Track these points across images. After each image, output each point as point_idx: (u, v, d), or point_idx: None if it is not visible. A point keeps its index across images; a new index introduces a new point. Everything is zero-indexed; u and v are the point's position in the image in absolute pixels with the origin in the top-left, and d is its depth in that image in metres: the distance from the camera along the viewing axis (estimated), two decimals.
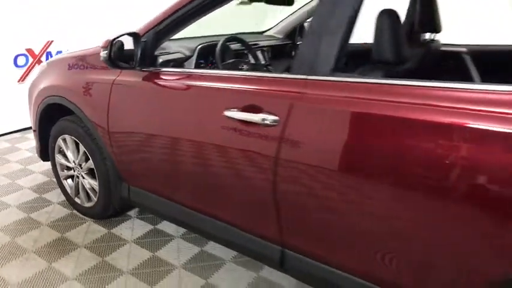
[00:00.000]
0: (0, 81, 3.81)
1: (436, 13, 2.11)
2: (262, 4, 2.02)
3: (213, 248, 2.20)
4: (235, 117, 1.47)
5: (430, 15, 2.10)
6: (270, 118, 1.38)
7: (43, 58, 4.08)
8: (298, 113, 1.33)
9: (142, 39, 1.81)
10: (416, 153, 1.13)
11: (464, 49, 2.31)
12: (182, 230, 2.36)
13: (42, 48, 4.08)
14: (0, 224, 2.40)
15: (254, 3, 2.27)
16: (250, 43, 2.50)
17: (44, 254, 2.13)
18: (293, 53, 2.93)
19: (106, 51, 1.72)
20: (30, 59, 4.01)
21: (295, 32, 2.98)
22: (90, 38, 3.23)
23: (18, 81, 3.96)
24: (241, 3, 2.38)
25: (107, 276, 1.98)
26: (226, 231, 1.72)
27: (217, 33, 2.61)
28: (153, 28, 1.80)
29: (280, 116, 1.36)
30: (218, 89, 1.58)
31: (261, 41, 2.74)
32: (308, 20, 2.81)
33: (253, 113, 1.42)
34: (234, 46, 2.36)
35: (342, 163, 1.26)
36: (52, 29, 4.04)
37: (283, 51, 2.93)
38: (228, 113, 1.49)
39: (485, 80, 2.16)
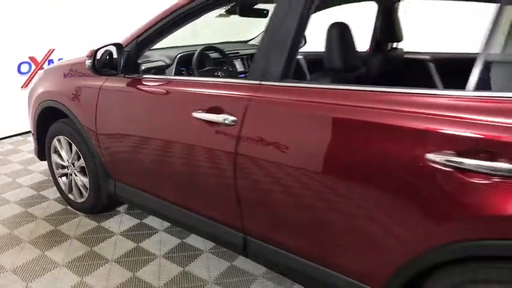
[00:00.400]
0: (4, 87, 4.06)
1: (396, 24, 2.30)
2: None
3: (193, 240, 2.39)
4: (202, 117, 1.67)
5: (392, 27, 2.29)
6: (230, 118, 1.57)
7: (45, 65, 4.33)
8: (252, 113, 1.53)
9: (125, 49, 2.03)
10: (347, 147, 1.31)
11: (427, 56, 2.48)
12: (166, 224, 2.56)
13: (45, 56, 4.34)
14: (0, 217, 2.61)
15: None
16: (232, 52, 2.70)
17: (38, 244, 2.34)
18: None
19: (90, 60, 1.93)
20: (33, 67, 4.27)
21: None
22: (90, 47, 3.45)
23: (22, 87, 4.21)
24: (220, 15, 2.59)
25: (93, 263, 2.17)
26: (198, 221, 1.91)
27: (209, 42, 2.83)
28: (135, 39, 2.01)
29: (237, 116, 1.56)
30: (189, 93, 1.79)
31: (243, 49, 2.94)
32: None
33: (217, 113, 1.62)
34: (215, 55, 2.57)
35: (289, 157, 1.45)
36: (54, 38, 4.30)
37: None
38: (196, 114, 1.68)
39: (447, 85, 2.33)
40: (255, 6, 2.30)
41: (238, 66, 2.70)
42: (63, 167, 2.67)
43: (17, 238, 2.40)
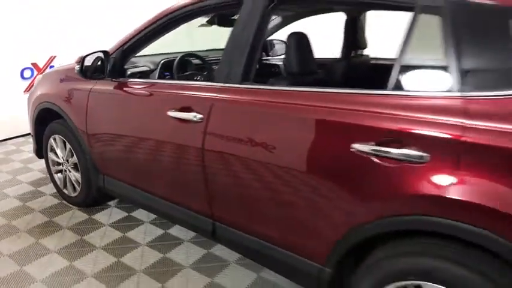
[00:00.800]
0: (8, 91, 4.32)
1: (361, 33, 2.51)
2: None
3: (176, 230, 2.59)
4: (175, 116, 1.88)
5: (356, 35, 2.50)
6: (198, 116, 1.79)
7: (47, 71, 4.59)
8: (215, 112, 1.74)
9: (112, 56, 2.26)
10: (292, 140, 1.52)
11: (387, 62, 2.68)
12: (152, 216, 2.77)
13: (46, 63, 4.60)
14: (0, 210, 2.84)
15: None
16: (213, 58, 2.93)
17: (33, 233, 2.56)
18: (273, 68, 3.33)
19: (78, 65, 2.17)
20: (35, 72, 4.53)
21: None
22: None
23: (24, 91, 4.47)
24: (202, 25, 2.81)
25: (82, 250, 2.39)
26: (174, 210, 2.12)
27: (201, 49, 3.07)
28: (120, 47, 2.24)
29: (204, 114, 1.77)
30: (165, 94, 2.01)
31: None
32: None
33: (187, 112, 1.84)
34: (197, 61, 2.80)
35: (246, 150, 1.66)
36: (55, 45, 4.56)
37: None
38: (170, 113, 1.90)
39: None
40: (233, 17, 2.53)
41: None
42: (58, 164, 2.90)
43: (15, 228, 2.62)
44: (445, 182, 1.19)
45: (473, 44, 1.24)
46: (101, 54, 2.22)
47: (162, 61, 2.57)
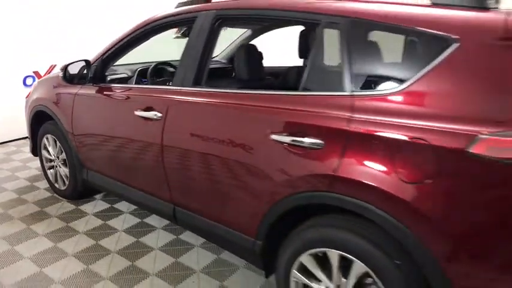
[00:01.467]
0: (11, 97, 4.70)
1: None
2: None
3: (151, 219, 2.91)
4: (140, 115, 2.21)
5: (306, 46, 2.79)
6: (158, 114, 2.12)
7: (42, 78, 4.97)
8: (171, 111, 2.07)
9: (94, 64, 2.60)
10: (229, 133, 1.83)
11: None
12: (132, 207, 3.09)
13: (47, 71, 4.99)
14: None
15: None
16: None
17: (25, 220, 2.89)
18: (233, 73, 3.67)
19: (62, 72, 2.52)
20: (37, 80, 4.92)
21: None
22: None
23: (26, 97, 4.84)
24: (177, 37, 3.14)
25: (66, 234, 2.71)
26: (143, 198, 2.44)
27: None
28: (100, 57, 2.59)
29: (162, 113, 2.10)
30: (134, 96, 2.35)
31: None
32: None
33: (150, 111, 2.16)
34: (171, 68, 3.14)
35: (193, 143, 1.98)
36: (55, 54, 4.95)
37: (226, 72, 3.68)
38: (136, 112, 2.23)
39: None
40: None
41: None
42: (50, 160, 3.24)
43: (10, 216, 2.96)
44: (336, 164, 1.49)
45: (360, 53, 1.55)
46: (83, 63, 2.56)
47: (139, 69, 2.91)
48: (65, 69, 2.53)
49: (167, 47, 3.37)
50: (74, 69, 2.57)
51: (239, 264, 2.38)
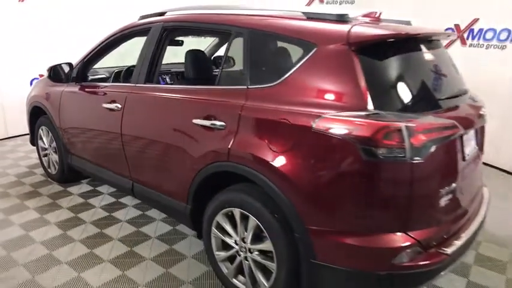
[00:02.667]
0: (20, 97, 5.29)
1: None
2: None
3: (125, 199, 3.40)
4: (106, 107, 2.72)
5: None
6: (119, 106, 2.62)
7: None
8: (128, 103, 2.57)
9: (78, 66, 3.14)
10: (164, 119, 2.32)
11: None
12: (112, 190, 3.59)
13: None
14: (0, 183, 3.75)
15: None
16: (164, 69, 3.77)
17: (20, 197, 3.44)
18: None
19: (47, 73, 3.06)
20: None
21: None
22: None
23: None
24: None
25: (52, 208, 3.24)
26: (110, 176, 2.94)
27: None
28: (81, 60, 3.12)
29: (121, 105, 2.60)
30: (103, 92, 2.85)
31: (179, 68, 3.98)
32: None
33: (112, 103, 2.67)
34: None
35: (141, 127, 2.47)
36: (60, 58, 5.52)
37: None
38: (104, 105, 2.74)
39: None
40: (178, 39, 3.37)
41: (169, 79, 3.73)
42: (44, 149, 3.79)
43: (8, 194, 3.51)
44: (232, 140, 1.95)
45: (255, 57, 2.01)
46: (67, 65, 3.10)
47: (115, 70, 3.43)
48: (50, 70, 3.08)
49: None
50: (59, 70, 3.10)
51: (129, 204, 2.90)
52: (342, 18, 1.87)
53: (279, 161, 1.77)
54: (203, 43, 3.85)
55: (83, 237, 2.81)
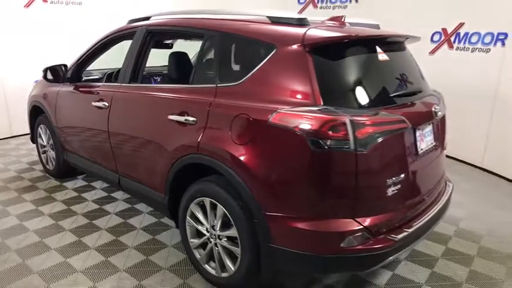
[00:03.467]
0: (23, 98, 5.53)
1: None
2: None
3: (117, 194, 3.59)
4: (95, 105, 2.91)
5: None
6: (106, 104, 2.81)
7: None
8: (115, 101, 2.75)
9: (71, 67, 3.34)
10: (144, 116, 2.50)
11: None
12: (105, 185, 3.78)
13: None
14: (1, 177, 3.97)
15: None
16: (152, 71, 3.95)
17: (18, 191, 3.65)
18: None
19: (43, 74, 3.26)
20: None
21: None
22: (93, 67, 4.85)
23: None
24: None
25: (47, 201, 3.44)
26: (100, 171, 3.13)
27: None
28: (75, 62, 3.33)
29: (108, 103, 2.79)
30: (94, 91, 3.05)
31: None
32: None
33: (100, 102, 2.86)
34: None
35: (126, 124, 2.65)
36: (63, 60, 5.75)
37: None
38: (93, 103, 2.93)
39: None
40: (166, 42, 3.56)
41: (158, 80, 3.92)
42: (43, 146, 4.00)
43: (8, 187, 3.73)
44: (201, 134, 2.12)
45: (224, 57, 2.18)
46: (61, 67, 3.31)
47: (108, 72, 3.63)
48: (45, 71, 3.29)
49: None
50: (52, 72, 3.31)
51: (119, 198, 3.13)
52: (301, 22, 2.02)
53: (240, 153, 1.93)
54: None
55: (73, 227, 2.99)
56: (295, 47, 1.88)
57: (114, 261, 2.56)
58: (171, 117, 2.29)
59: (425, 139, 2.13)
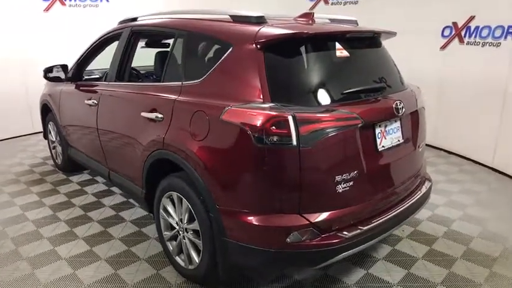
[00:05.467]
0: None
1: None
2: None
3: (116, 188, 3.76)
4: (87, 103, 3.07)
5: None
6: (95, 102, 2.96)
7: None
8: (102, 98, 2.90)
9: (72, 67, 3.53)
10: (122, 111, 2.61)
11: None
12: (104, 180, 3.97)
13: None
14: (15, 170, 4.27)
15: None
16: (147, 71, 4.07)
17: (27, 184, 3.91)
18: None
19: (43, 73, 3.47)
20: None
21: None
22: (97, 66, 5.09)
23: None
24: (142, 47, 3.97)
25: (51, 193, 3.67)
26: (95, 165, 3.30)
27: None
28: (76, 62, 3.51)
29: (97, 101, 2.93)
30: (87, 89, 3.21)
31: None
32: None
33: (90, 100, 3.01)
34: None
35: (111, 120, 2.78)
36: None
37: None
38: (85, 101, 3.10)
39: None
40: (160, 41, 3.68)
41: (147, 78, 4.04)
42: (52, 142, 4.26)
43: (18, 180, 4.01)
44: (165, 130, 2.20)
45: (189, 55, 2.24)
46: (62, 66, 3.50)
47: (107, 71, 3.80)
48: (45, 71, 3.50)
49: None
50: (52, 71, 3.51)
51: (117, 191, 3.37)
52: (259, 20, 2.05)
53: (197, 149, 1.99)
54: None
55: (68, 218, 3.18)
56: (248, 45, 1.91)
57: (97, 251, 2.71)
58: (143, 114, 2.39)
59: (389, 136, 2.09)
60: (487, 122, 4.29)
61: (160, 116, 2.26)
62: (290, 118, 1.71)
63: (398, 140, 2.17)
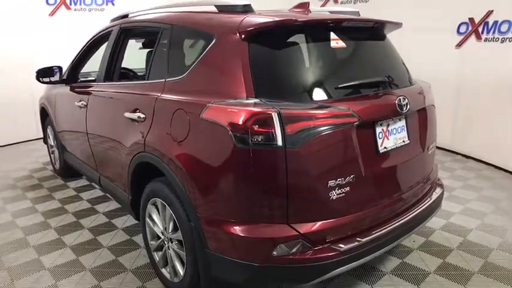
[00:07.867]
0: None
1: None
2: None
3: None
4: (77, 104, 2.94)
5: None
6: (84, 103, 2.82)
7: None
8: (91, 99, 2.76)
9: (66, 70, 3.43)
10: (107, 112, 2.46)
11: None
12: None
13: None
14: (14, 175, 4.19)
15: None
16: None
17: (24, 189, 3.81)
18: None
19: (36, 75, 3.37)
20: None
21: None
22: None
23: None
24: (140, 48, 3.85)
25: (45, 199, 3.55)
26: (85, 169, 3.16)
27: None
28: (70, 64, 3.40)
29: (86, 103, 2.80)
30: (79, 91, 3.08)
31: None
32: None
33: (80, 101, 2.88)
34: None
35: (97, 122, 2.64)
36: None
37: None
38: (75, 103, 2.97)
39: None
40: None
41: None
42: (51, 146, 4.16)
43: (16, 185, 3.92)
44: (146, 131, 2.03)
45: (172, 50, 2.08)
46: (56, 68, 3.39)
47: None
48: (38, 72, 3.40)
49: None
50: (44, 73, 3.40)
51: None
52: (245, 9, 1.87)
53: (178, 151, 1.81)
54: None
55: (59, 225, 3.05)
56: (231, 35, 1.73)
57: (83, 261, 2.55)
58: (126, 114, 2.23)
59: (392, 136, 1.87)
60: (508, 124, 3.98)
61: (142, 116, 2.09)
62: (274, 115, 1.51)
63: (404, 141, 1.94)
